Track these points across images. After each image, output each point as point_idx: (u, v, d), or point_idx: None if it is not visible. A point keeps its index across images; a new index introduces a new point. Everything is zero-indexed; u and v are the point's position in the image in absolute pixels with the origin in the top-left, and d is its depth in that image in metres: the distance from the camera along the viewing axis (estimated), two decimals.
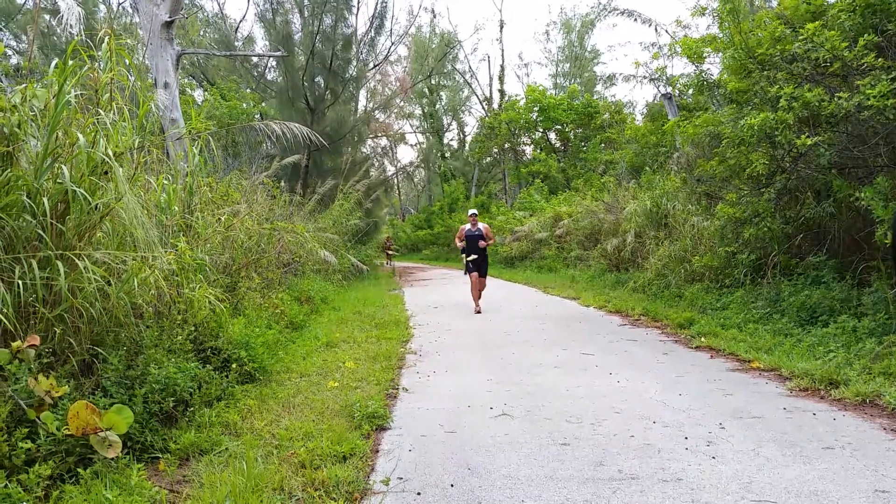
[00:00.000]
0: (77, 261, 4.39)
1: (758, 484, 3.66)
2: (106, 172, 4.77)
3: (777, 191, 8.39)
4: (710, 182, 11.01)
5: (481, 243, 12.64)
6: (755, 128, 7.76)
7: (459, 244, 12.96)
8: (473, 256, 12.56)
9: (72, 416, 3.71)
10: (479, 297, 12.78)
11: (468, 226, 12.90)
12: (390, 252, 33.31)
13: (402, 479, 3.96)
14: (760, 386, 5.95)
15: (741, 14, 9.06)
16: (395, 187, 56.76)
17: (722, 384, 6.05)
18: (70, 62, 4.72)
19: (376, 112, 35.27)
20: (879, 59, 6.62)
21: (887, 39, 6.92)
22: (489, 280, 14.17)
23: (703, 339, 8.14)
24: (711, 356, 7.40)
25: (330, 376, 6.64)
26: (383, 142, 45.55)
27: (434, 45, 44.09)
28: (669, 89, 18.45)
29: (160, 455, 4.28)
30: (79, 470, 3.64)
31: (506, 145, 36.85)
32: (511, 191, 38.88)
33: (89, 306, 4.47)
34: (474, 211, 13.18)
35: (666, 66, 16.65)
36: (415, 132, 52.54)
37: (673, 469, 3.93)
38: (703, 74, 11.96)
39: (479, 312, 12.21)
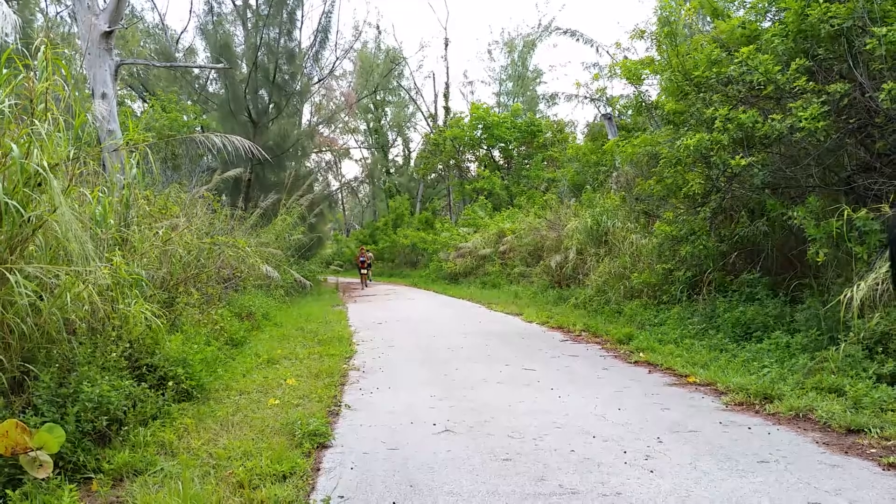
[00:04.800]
0: (8, 275, 4.24)
1: (695, 497, 3.74)
2: (40, 184, 4.63)
3: (712, 210, 8.63)
4: (649, 201, 11.29)
5: None
6: (691, 148, 7.99)
7: None
8: None
9: (0, 435, 3.57)
10: None
11: None
12: (365, 271, 26.96)
13: (343, 497, 3.92)
14: (697, 400, 6.08)
15: (678, 37, 9.33)
16: (340, 202, 56.44)
17: (660, 399, 6.17)
18: (4, 71, 4.58)
19: (321, 126, 35.11)
20: (811, 83, 6.87)
21: (818, 64, 7.20)
22: (427, 296, 13.04)
23: (641, 354, 8.29)
24: (650, 371, 7.55)
25: (270, 394, 6.53)
26: (328, 156, 45.40)
27: (380, 61, 44.14)
28: (609, 110, 18.91)
29: (93, 475, 4.15)
30: (7, 491, 3.51)
31: (451, 162, 37.11)
32: (455, 207, 39.09)
33: (20, 322, 4.32)
34: None
35: (606, 87, 17.10)
36: (360, 147, 52.45)
37: (612, 483, 3.99)
38: (642, 96, 12.27)
39: None
